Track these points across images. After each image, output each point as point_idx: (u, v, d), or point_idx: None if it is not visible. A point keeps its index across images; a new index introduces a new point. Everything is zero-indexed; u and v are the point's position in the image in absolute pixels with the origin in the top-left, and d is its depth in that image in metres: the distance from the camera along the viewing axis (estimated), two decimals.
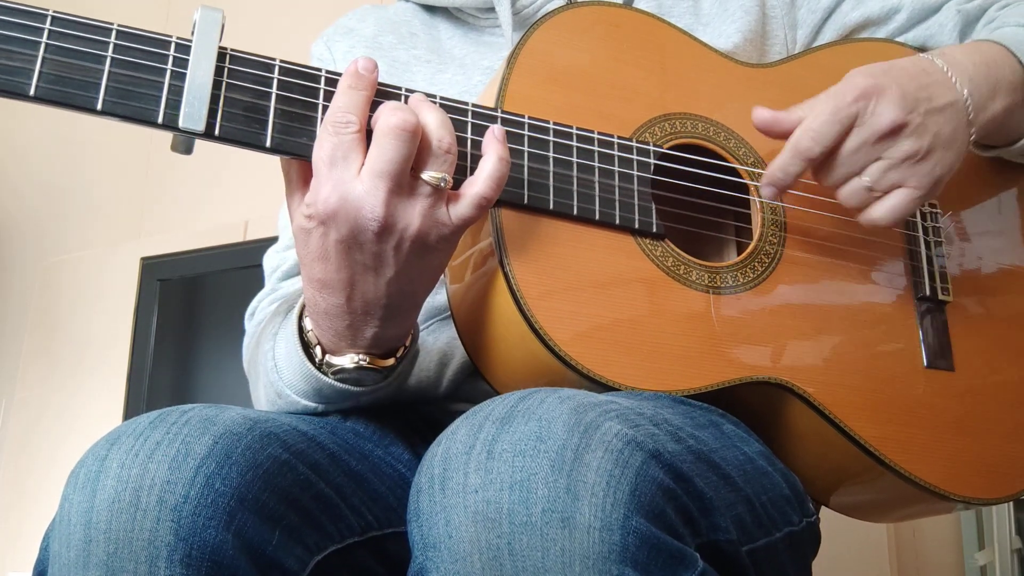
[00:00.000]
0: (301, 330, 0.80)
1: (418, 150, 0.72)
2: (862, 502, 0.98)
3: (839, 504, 0.96)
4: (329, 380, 0.80)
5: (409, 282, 0.75)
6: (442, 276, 0.87)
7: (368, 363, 0.79)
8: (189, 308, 2.46)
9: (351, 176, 0.70)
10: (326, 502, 0.73)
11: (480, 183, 0.74)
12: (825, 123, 0.83)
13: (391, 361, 0.80)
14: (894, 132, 0.83)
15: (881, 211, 0.85)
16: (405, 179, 0.71)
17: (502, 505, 0.59)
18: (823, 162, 0.84)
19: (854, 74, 0.85)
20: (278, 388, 0.83)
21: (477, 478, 0.60)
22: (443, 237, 0.74)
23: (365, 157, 0.71)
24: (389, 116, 0.71)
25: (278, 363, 0.83)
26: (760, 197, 0.89)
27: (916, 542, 1.84)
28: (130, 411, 2.33)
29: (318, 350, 0.79)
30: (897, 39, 1.06)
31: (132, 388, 2.35)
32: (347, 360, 0.78)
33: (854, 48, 1.03)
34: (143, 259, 2.47)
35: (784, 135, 0.86)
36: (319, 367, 0.80)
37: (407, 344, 0.82)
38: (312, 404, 0.83)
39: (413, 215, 0.72)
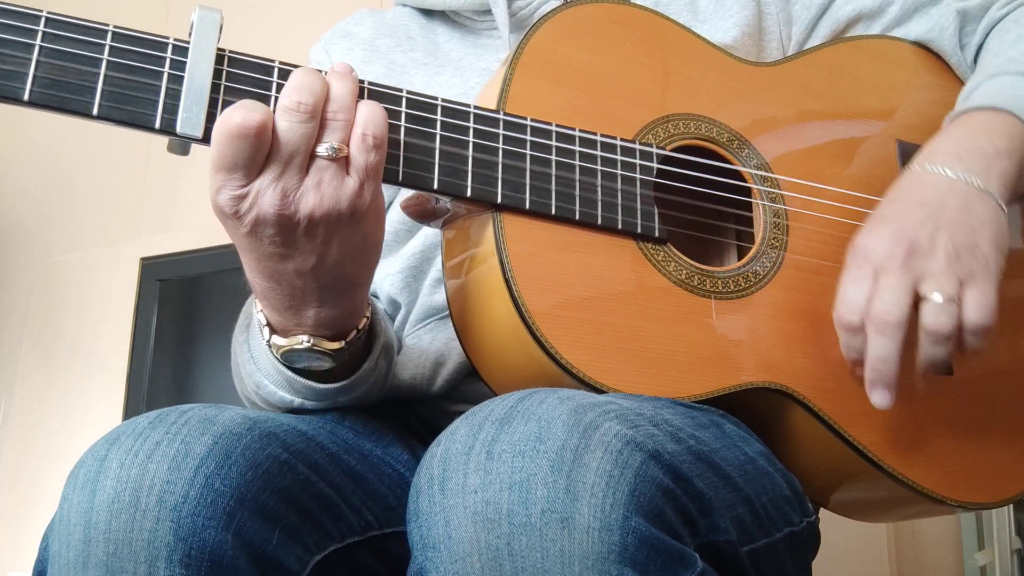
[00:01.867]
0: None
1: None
2: (861, 504, 0.98)
3: (838, 505, 0.96)
4: (292, 375, 0.79)
5: (336, 263, 0.72)
6: (441, 276, 0.87)
7: (314, 345, 0.76)
8: (189, 308, 2.45)
9: (246, 178, 0.68)
10: (326, 502, 0.73)
11: (360, 124, 0.71)
12: (849, 291, 0.81)
13: (339, 344, 0.77)
14: (912, 252, 0.80)
15: (972, 314, 0.80)
16: (303, 162, 0.69)
17: (501, 506, 0.59)
18: (873, 311, 0.80)
19: (850, 247, 0.84)
20: (256, 379, 0.83)
21: (476, 478, 0.60)
22: (357, 209, 0.71)
23: (263, 159, 0.68)
24: (282, 97, 0.69)
25: (254, 354, 0.83)
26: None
27: (916, 542, 1.84)
28: (130, 411, 2.33)
29: (267, 330, 0.77)
30: (893, 33, 1.05)
31: (132, 388, 2.35)
32: (295, 341, 0.76)
33: (855, 46, 1.03)
34: (143, 259, 2.47)
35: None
36: (272, 352, 0.78)
37: (359, 327, 0.79)
38: (288, 396, 0.82)
39: (314, 197, 0.69)
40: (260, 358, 0.81)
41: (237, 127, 0.66)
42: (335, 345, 0.77)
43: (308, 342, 0.76)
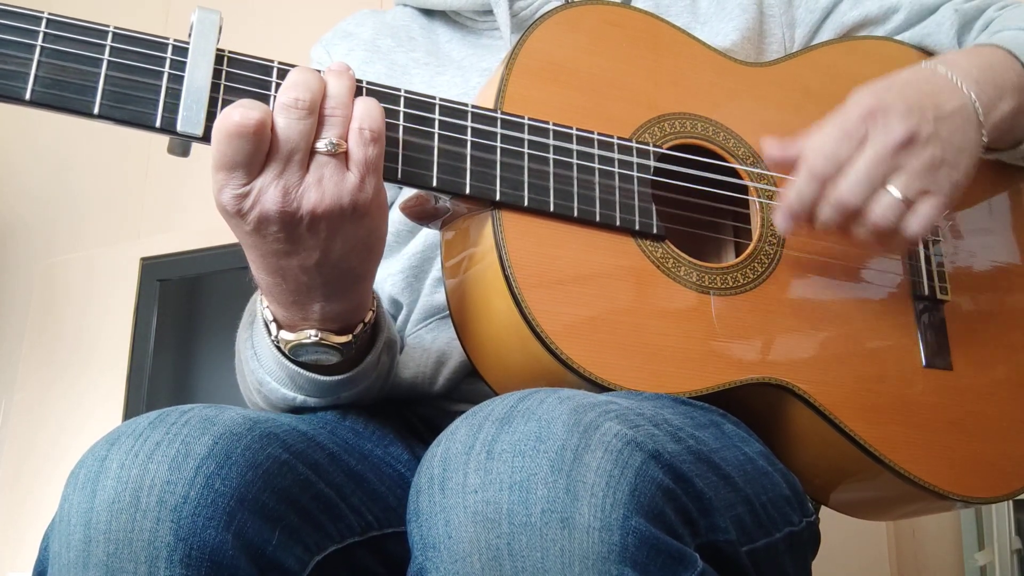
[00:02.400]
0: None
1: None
2: (861, 500, 0.98)
3: (838, 502, 0.96)
4: (296, 368, 0.79)
5: (340, 259, 0.73)
6: (442, 275, 0.87)
7: (322, 339, 0.76)
8: (189, 308, 2.46)
9: (247, 177, 0.68)
10: (326, 502, 0.73)
11: (357, 119, 0.71)
12: (834, 141, 0.82)
13: (347, 338, 0.78)
14: (907, 143, 0.81)
15: (915, 223, 0.82)
16: (304, 159, 0.69)
17: (501, 505, 0.59)
18: (841, 184, 0.81)
19: (857, 93, 0.84)
20: (258, 376, 0.83)
21: (477, 478, 0.60)
22: (359, 204, 0.71)
23: (263, 158, 0.69)
24: (281, 94, 0.69)
25: (257, 351, 0.83)
26: (773, 222, 0.89)
27: (916, 542, 1.84)
28: (130, 411, 2.33)
29: (273, 326, 0.78)
30: (895, 37, 1.06)
31: (132, 388, 2.35)
32: (303, 336, 0.77)
33: (852, 46, 1.03)
34: (143, 259, 2.47)
35: (794, 161, 0.85)
36: (278, 346, 0.79)
37: (365, 320, 0.79)
38: (290, 393, 0.82)
39: (315, 193, 0.69)
40: (263, 354, 0.81)
41: (235, 126, 0.66)
42: (342, 339, 0.77)
43: (316, 336, 0.76)
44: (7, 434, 2.50)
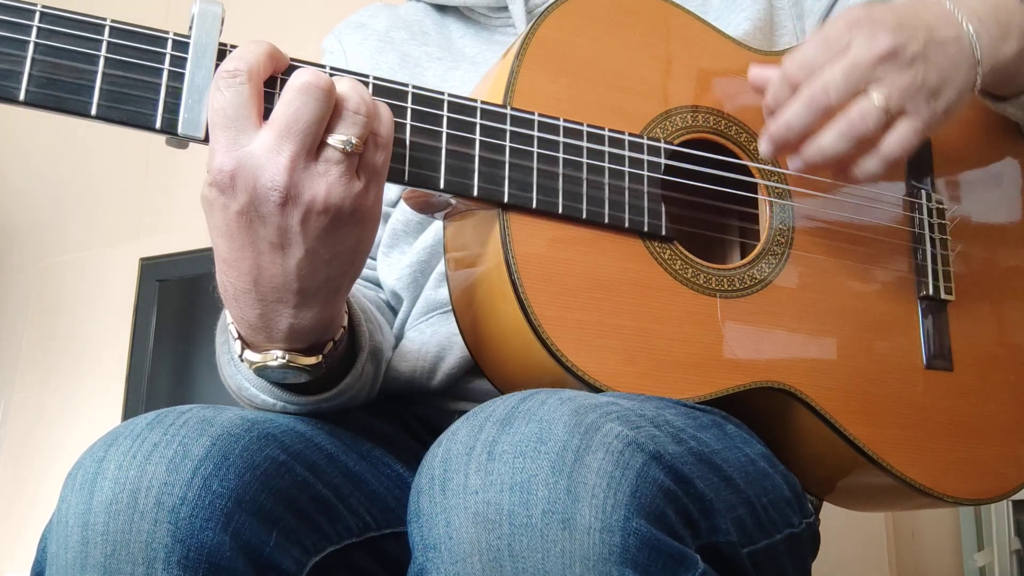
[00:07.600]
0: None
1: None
2: (862, 499, 0.99)
3: (837, 499, 0.98)
4: (270, 386, 0.77)
5: (323, 263, 0.69)
6: (445, 270, 0.86)
7: (289, 361, 0.72)
8: (188, 308, 2.45)
9: (248, 137, 0.65)
10: (324, 503, 0.73)
11: (377, 118, 0.69)
12: (813, 48, 0.80)
13: (316, 359, 0.73)
14: (890, 56, 0.78)
15: (893, 141, 0.79)
16: (313, 144, 0.66)
17: (502, 506, 0.59)
18: (815, 82, 0.79)
19: (849, 8, 0.83)
20: (237, 381, 0.80)
21: (477, 479, 0.60)
22: (359, 209, 0.68)
23: (261, 116, 0.66)
24: (301, 73, 0.66)
25: (234, 357, 0.78)
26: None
27: (915, 543, 1.84)
28: (129, 412, 2.33)
29: (238, 345, 0.73)
30: None
31: (131, 389, 2.35)
32: (269, 357, 0.72)
33: None
34: (142, 259, 2.47)
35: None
36: (243, 363, 0.75)
37: (336, 339, 0.75)
38: (271, 400, 0.79)
39: (321, 185, 0.66)
40: (240, 363, 0.78)
41: (227, 72, 0.65)
42: (311, 360, 0.73)
43: (283, 358, 0.72)
44: (6, 434, 2.50)
